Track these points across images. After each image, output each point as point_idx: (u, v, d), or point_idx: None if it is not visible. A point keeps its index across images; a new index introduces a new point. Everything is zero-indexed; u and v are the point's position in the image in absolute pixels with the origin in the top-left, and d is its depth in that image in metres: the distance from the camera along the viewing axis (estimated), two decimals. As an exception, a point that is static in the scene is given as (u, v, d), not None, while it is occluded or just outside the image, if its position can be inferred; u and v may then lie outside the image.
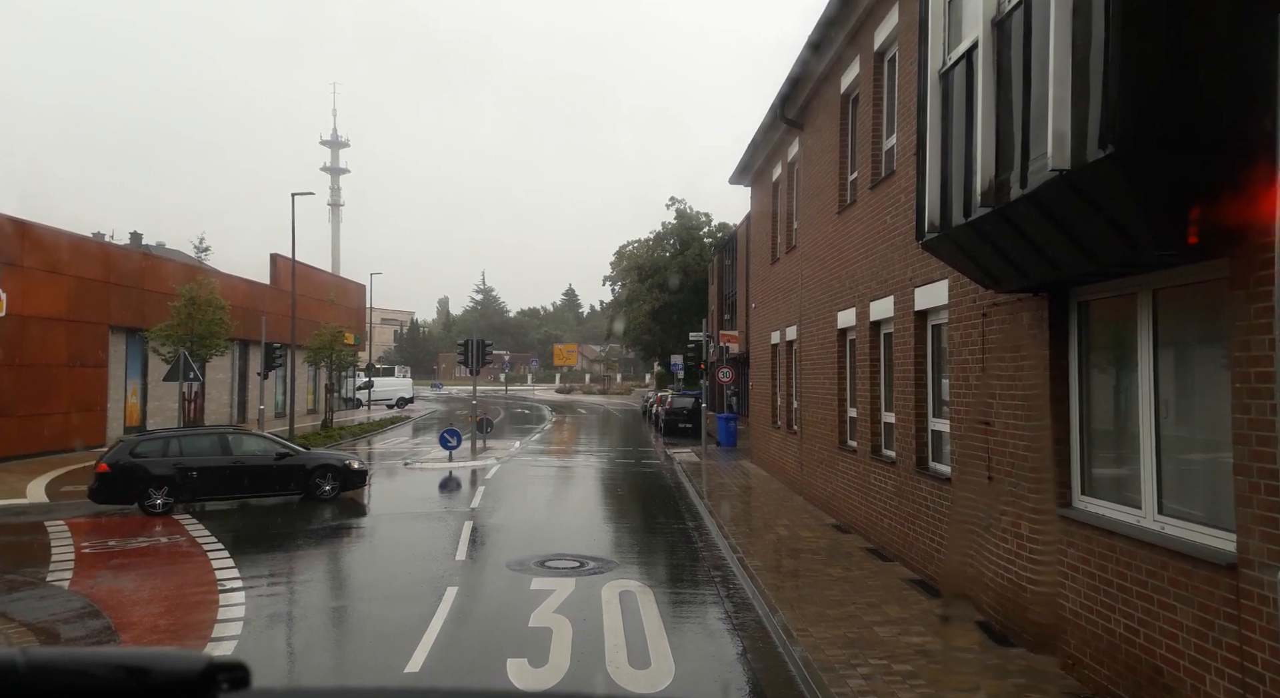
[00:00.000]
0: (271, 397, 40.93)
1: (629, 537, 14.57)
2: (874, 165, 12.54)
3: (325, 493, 17.71)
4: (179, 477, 16.50)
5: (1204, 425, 5.85)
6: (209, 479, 16.93)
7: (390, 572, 11.89)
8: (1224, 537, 5.37)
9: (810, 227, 16.58)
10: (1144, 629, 5.99)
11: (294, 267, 30.65)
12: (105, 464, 16.17)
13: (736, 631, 8.82)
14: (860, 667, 7.24)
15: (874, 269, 12.31)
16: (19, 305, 24.16)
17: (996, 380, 8.32)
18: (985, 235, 6.77)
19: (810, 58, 14.88)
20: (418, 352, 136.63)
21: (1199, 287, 5.76)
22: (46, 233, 25.68)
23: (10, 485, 18.92)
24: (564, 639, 8.36)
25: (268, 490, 17.80)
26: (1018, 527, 7.89)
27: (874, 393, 12.61)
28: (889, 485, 11.63)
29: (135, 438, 17.55)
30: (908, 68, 10.60)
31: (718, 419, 30.35)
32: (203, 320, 22.23)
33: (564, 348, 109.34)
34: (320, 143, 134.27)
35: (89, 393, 27.53)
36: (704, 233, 57.65)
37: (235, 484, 17.35)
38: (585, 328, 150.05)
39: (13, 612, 9.45)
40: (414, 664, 7.70)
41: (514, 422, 44.40)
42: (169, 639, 8.57)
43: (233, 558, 12.16)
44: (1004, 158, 6.14)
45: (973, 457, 8.88)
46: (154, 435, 18.09)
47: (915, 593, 9.64)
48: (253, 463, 17.53)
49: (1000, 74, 6.27)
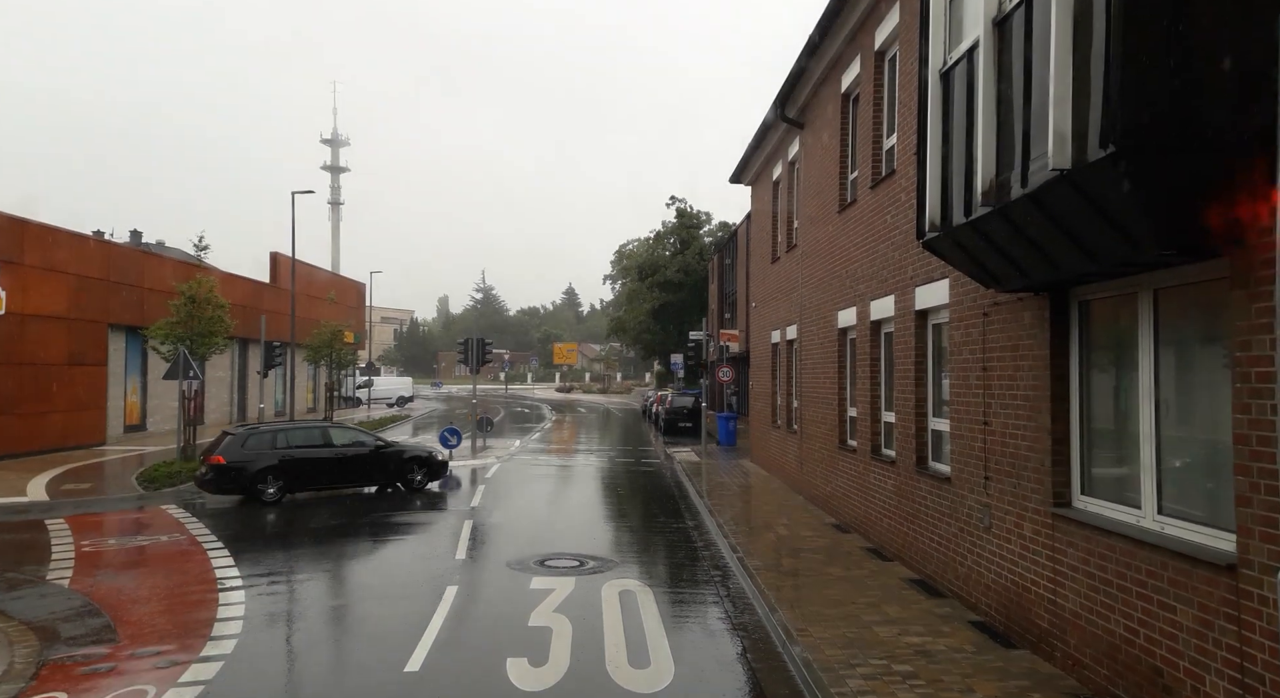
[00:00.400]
0: (271, 395, 40.95)
1: (629, 536, 14.57)
2: (874, 164, 12.54)
3: (417, 483, 18.86)
4: (287, 468, 17.40)
5: (1204, 425, 5.84)
6: (314, 470, 17.90)
7: (390, 571, 11.88)
8: (1224, 537, 5.37)
9: (811, 226, 16.58)
10: (1144, 630, 5.99)
11: (294, 265, 30.66)
12: (221, 456, 16.98)
13: (736, 630, 8.82)
14: (860, 667, 7.24)
15: (874, 268, 12.31)
16: (19, 303, 24.15)
17: (997, 380, 8.32)
18: (986, 235, 6.77)
19: (810, 57, 14.87)
20: (417, 351, 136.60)
21: (1199, 286, 5.76)
22: (46, 231, 25.68)
23: (10, 484, 18.92)
24: (564, 639, 8.36)
25: (366, 480, 18.78)
26: (1019, 527, 7.89)
27: (874, 392, 12.61)
28: (889, 485, 11.63)
29: (244, 431, 18.08)
30: (908, 67, 10.60)
31: (718, 418, 30.36)
32: (202, 319, 22.20)
33: (564, 347, 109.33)
34: (320, 141, 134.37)
35: (89, 391, 27.53)
36: (704, 232, 57.70)
37: (337, 475, 18.35)
38: (585, 327, 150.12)
39: (13, 610, 9.45)
40: (414, 664, 7.70)
41: (514, 421, 44.40)
42: (169, 638, 8.56)
43: (232, 557, 12.16)
44: (1005, 157, 6.13)
45: (973, 457, 8.88)
46: (261, 429, 18.55)
47: (915, 593, 9.64)
48: (353, 454, 18.47)
49: (1001, 73, 6.27)
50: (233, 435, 17.76)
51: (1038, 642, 7.51)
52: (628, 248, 65.92)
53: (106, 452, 26.07)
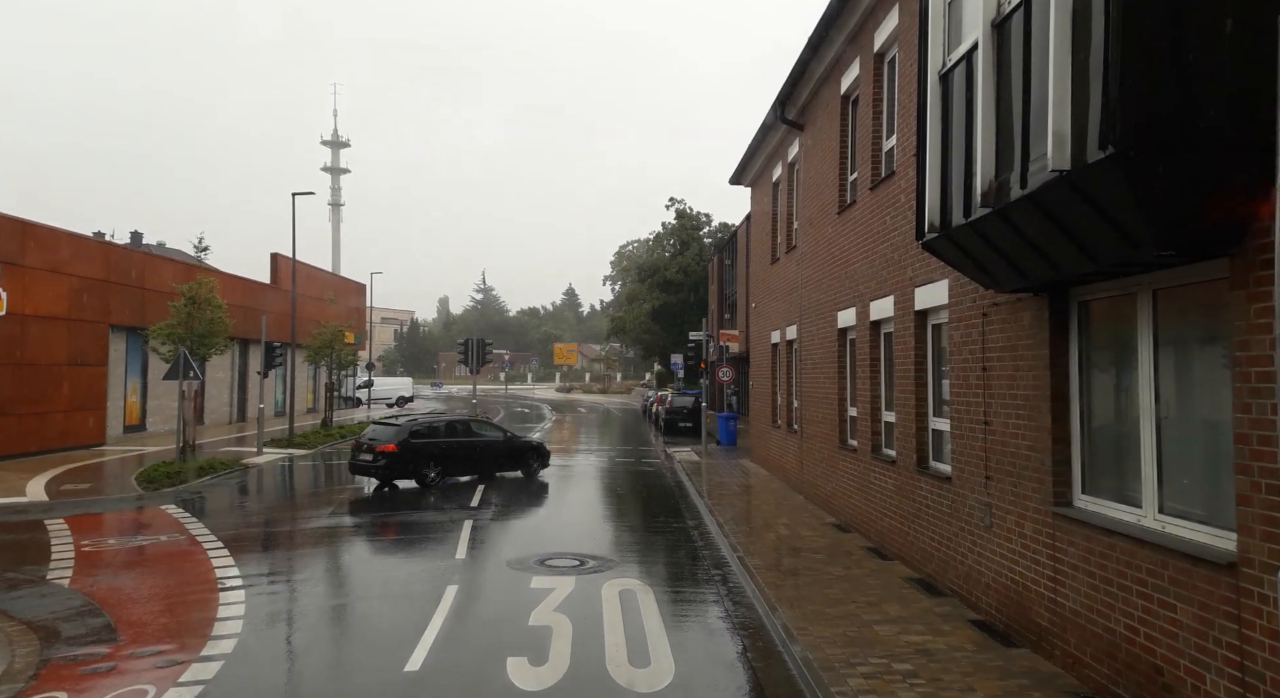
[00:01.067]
0: (271, 396, 40.95)
1: (629, 535, 14.57)
2: (874, 166, 12.55)
3: (533, 469, 21.49)
4: (443, 456, 19.85)
5: (1204, 425, 5.85)
6: (463, 458, 20.40)
7: (390, 570, 11.89)
8: (1224, 536, 5.38)
9: (810, 227, 16.59)
10: (1144, 628, 6.00)
11: (294, 266, 30.63)
12: (393, 445, 19.10)
13: (736, 629, 8.83)
14: (860, 666, 7.24)
15: (874, 269, 12.32)
16: (19, 304, 24.14)
17: (997, 380, 8.33)
18: (985, 236, 6.78)
19: (810, 58, 14.89)
20: (418, 351, 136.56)
21: (1199, 287, 5.77)
22: (47, 232, 25.66)
23: (10, 484, 18.92)
24: (564, 638, 8.37)
25: (498, 467, 21.14)
26: (1020, 526, 7.90)
27: (874, 392, 12.62)
28: (889, 484, 11.64)
29: (408, 424, 20.07)
30: (908, 68, 10.61)
31: (718, 418, 30.36)
32: (202, 319, 22.20)
33: (564, 347, 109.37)
34: (321, 143, 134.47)
35: (89, 392, 27.51)
36: (704, 233, 57.73)
37: (478, 462, 20.76)
38: (585, 327, 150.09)
39: (13, 610, 9.46)
40: (414, 663, 7.71)
41: (514, 421, 44.37)
42: (169, 638, 8.57)
43: (232, 556, 12.16)
44: (1004, 158, 6.14)
45: (973, 456, 8.89)
46: (423, 422, 20.60)
47: (915, 592, 9.65)
48: (489, 444, 21.07)
49: (1000, 75, 6.28)
50: (397, 428, 19.73)
51: (1038, 640, 7.52)
52: (628, 249, 66.04)
53: (106, 452, 26.06)
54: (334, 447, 29.27)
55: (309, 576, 11.61)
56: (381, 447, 19.18)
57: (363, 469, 19.52)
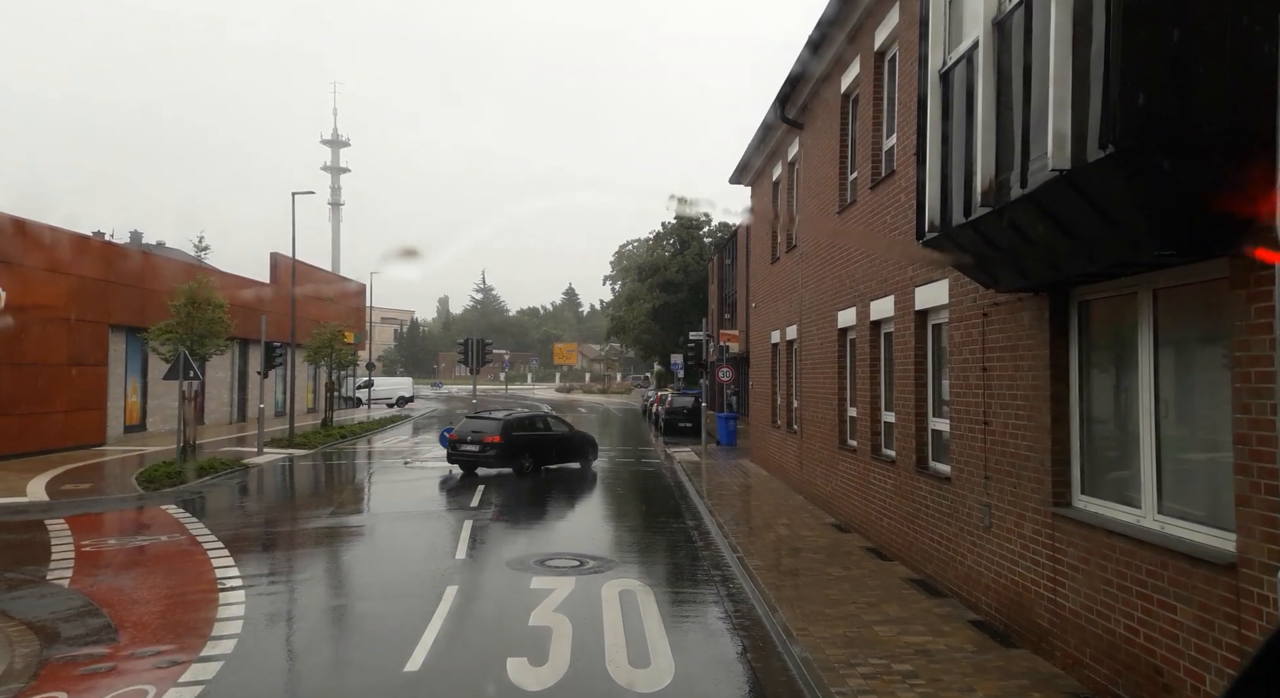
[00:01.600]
0: (271, 396, 40.94)
1: (629, 536, 14.57)
2: (874, 165, 12.54)
3: (589, 460, 23.71)
4: (535, 448, 22.10)
5: (1204, 425, 5.85)
6: (547, 449, 22.68)
7: (390, 570, 11.88)
8: (1224, 536, 5.38)
9: (810, 226, 16.58)
10: (1144, 629, 5.99)
11: (294, 266, 30.64)
12: (498, 436, 21.28)
13: (736, 630, 8.83)
14: (860, 666, 7.24)
15: (874, 269, 12.31)
16: (19, 304, 24.14)
17: (997, 380, 8.33)
18: (985, 235, 6.77)
19: (810, 57, 14.88)
20: (418, 351, 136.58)
21: (1199, 287, 5.76)
22: (46, 231, 25.65)
23: (10, 484, 18.92)
24: (564, 638, 8.36)
25: (568, 459, 23.36)
26: (1019, 527, 7.89)
27: (874, 392, 12.61)
28: (889, 485, 11.64)
29: (506, 418, 22.25)
30: (908, 68, 10.60)
31: (717, 418, 30.35)
32: (202, 319, 22.20)
33: (564, 347, 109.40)
34: (321, 142, 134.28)
35: (89, 392, 27.51)
36: (704, 232, 57.75)
37: (555, 454, 23.00)
38: (585, 327, 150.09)
39: (13, 610, 9.45)
40: (413, 663, 7.70)
41: (514, 421, 44.30)
42: (169, 638, 8.57)
43: (232, 556, 12.15)
44: (1004, 158, 6.14)
45: (973, 456, 8.89)
46: (516, 418, 22.75)
47: (915, 592, 9.64)
48: (561, 437, 23.42)
49: (1000, 74, 6.27)
50: (500, 422, 21.81)
51: (1038, 641, 7.51)
52: (627, 248, 65.99)
53: (106, 452, 26.06)
54: (334, 447, 29.27)
55: (309, 576, 11.61)
56: (489, 438, 21.30)
57: (468, 459, 21.43)
